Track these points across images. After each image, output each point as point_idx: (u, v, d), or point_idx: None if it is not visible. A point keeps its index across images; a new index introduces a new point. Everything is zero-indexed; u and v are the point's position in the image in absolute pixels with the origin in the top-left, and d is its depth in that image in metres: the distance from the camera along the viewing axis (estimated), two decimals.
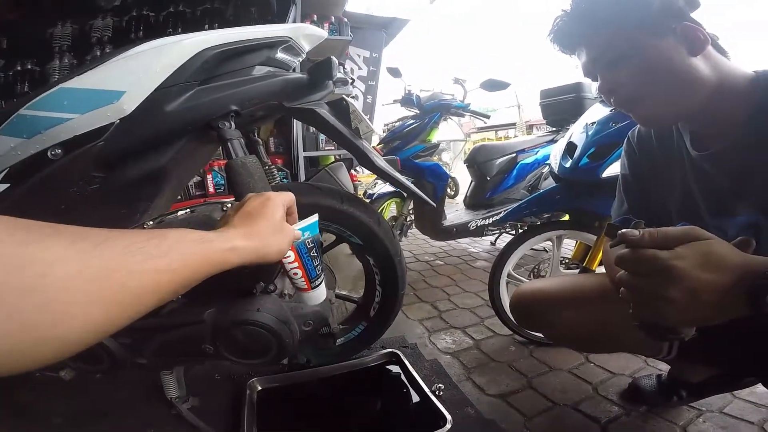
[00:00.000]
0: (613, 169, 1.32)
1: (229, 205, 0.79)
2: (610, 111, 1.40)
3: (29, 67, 2.50)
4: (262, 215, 0.54)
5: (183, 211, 0.80)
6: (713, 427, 1.06)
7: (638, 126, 0.92)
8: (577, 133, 1.48)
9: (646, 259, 0.53)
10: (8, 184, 0.84)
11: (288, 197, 0.61)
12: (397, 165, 2.16)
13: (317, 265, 0.69)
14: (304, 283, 0.68)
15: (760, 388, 1.13)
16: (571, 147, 1.47)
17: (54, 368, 0.97)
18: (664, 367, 1.30)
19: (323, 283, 0.72)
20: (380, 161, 1.12)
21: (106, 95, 0.83)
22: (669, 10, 0.68)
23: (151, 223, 0.79)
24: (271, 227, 0.53)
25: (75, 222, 0.36)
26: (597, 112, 1.48)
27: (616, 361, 1.38)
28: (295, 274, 0.67)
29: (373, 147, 1.25)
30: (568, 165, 1.43)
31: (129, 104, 0.84)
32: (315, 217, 0.67)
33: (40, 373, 0.96)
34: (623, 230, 0.55)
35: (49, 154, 0.83)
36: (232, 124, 0.94)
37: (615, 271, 0.86)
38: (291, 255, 0.64)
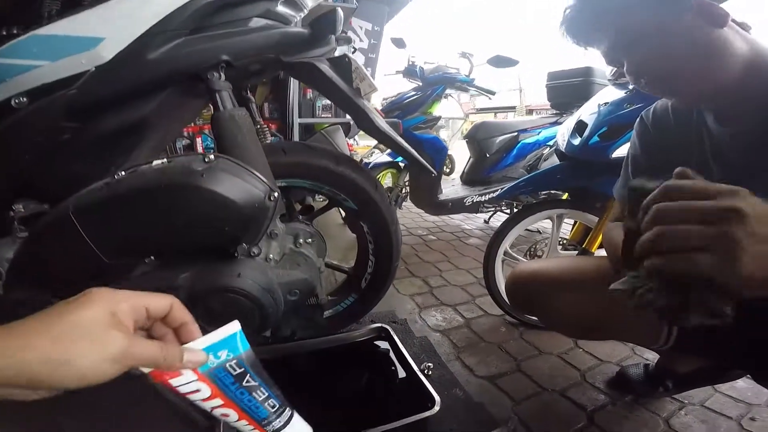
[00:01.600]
0: (624, 150, 1.26)
1: (212, 156, 0.72)
2: (625, 93, 1.36)
3: (15, 32, 2.35)
4: (43, 324, 0.33)
5: (159, 161, 0.73)
6: (694, 420, 1.07)
7: (653, 105, 0.89)
8: (588, 112, 1.43)
9: (706, 206, 0.43)
10: None
11: (158, 301, 0.40)
12: (398, 128, 2.09)
13: (265, 400, 0.44)
14: (251, 427, 0.44)
15: (739, 383, 1.16)
16: (580, 125, 1.42)
17: None
18: (650, 357, 1.31)
19: (294, 419, 0.48)
20: (382, 123, 1.05)
21: (83, 42, 0.78)
22: None
23: (123, 173, 0.71)
24: (47, 349, 0.32)
25: (43, 174, 0.28)
26: (610, 94, 1.43)
27: (603, 347, 1.38)
28: (226, 415, 0.43)
29: (374, 108, 1.17)
30: (576, 143, 1.38)
31: (107, 51, 0.79)
32: (234, 326, 0.43)
33: None
34: (671, 183, 0.47)
35: (12, 102, 0.78)
36: (222, 75, 0.87)
37: (617, 250, 0.80)
38: (203, 387, 0.40)
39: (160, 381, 0.38)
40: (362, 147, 4.97)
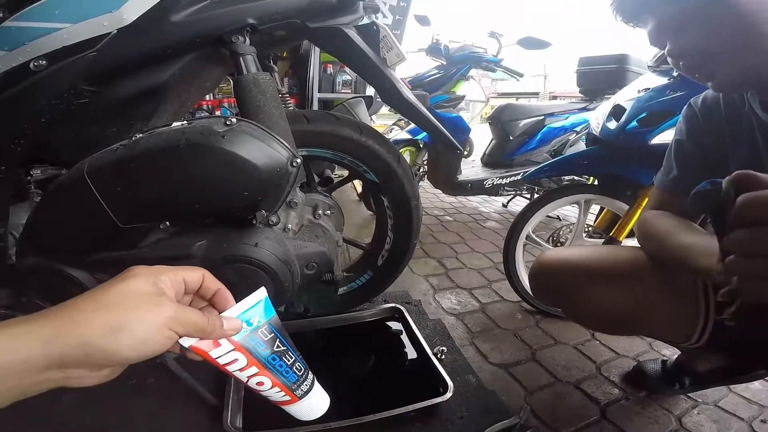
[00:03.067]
0: (664, 137, 1.23)
1: (234, 120, 0.68)
2: (668, 80, 1.30)
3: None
4: (96, 298, 0.34)
5: (179, 123, 0.69)
6: (706, 420, 1.06)
7: (704, 93, 0.85)
8: (626, 97, 1.38)
9: None
10: None
11: (191, 274, 0.40)
12: (426, 101, 2.03)
13: (294, 364, 0.45)
14: (283, 394, 0.45)
15: (755, 384, 1.16)
16: (617, 110, 1.36)
17: (22, 310, 0.89)
18: (667, 353, 1.29)
19: (316, 385, 0.49)
20: (409, 95, 1.01)
21: (104, 3, 0.77)
22: None
23: (140, 135, 0.69)
24: (103, 320, 0.32)
25: (59, 138, 0.26)
26: (651, 80, 1.37)
27: (621, 341, 1.36)
28: (261, 384, 0.43)
29: (402, 79, 1.12)
30: (612, 127, 1.33)
31: (130, 13, 0.77)
32: (261, 293, 0.44)
33: (4, 311, 0.90)
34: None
35: (31, 65, 0.77)
36: (247, 39, 0.85)
37: (657, 240, 0.79)
38: (240, 357, 0.41)
39: (201, 354, 0.39)
40: (379, 125, 4.91)
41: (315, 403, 0.48)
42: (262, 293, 0.44)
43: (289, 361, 0.45)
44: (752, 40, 0.61)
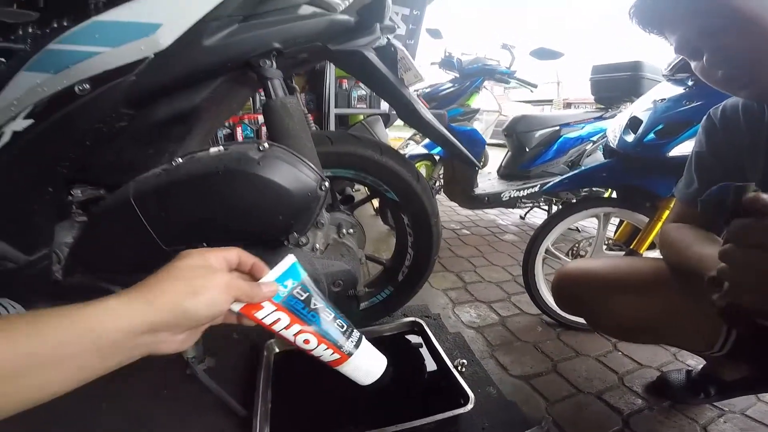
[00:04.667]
0: (682, 149, 1.23)
1: (266, 145, 0.72)
2: (684, 89, 1.31)
3: (66, 23, 2.44)
4: (170, 273, 0.41)
5: (216, 148, 0.73)
6: (733, 429, 1.04)
7: (722, 103, 0.85)
8: (641, 108, 1.38)
9: None
10: (32, 120, 0.80)
11: (229, 253, 0.47)
12: (444, 120, 2.06)
13: (333, 320, 0.50)
14: (330, 351, 0.50)
15: None
16: (634, 122, 1.36)
17: None
18: (692, 363, 1.28)
19: (364, 342, 0.53)
20: (428, 114, 1.04)
21: (141, 28, 0.79)
22: None
23: (180, 159, 0.72)
24: (182, 287, 0.40)
25: (100, 160, 0.29)
26: (667, 90, 1.37)
27: (644, 351, 1.35)
28: (307, 342, 0.48)
29: (420, 98, 1.15)
30: (630, 140, 1.33)
31: (165, 38, 0.79)
32: (291, 258, 0.49)
33: None
34: (753, 195, 0.47)
35: (76, 89, 0.79)
36: (274, 63, 0.88)
37: (678, 253, 0.80)
38: (282, 316, 0.47)
39: (249, 316, 0.45)
40: (395, 138, 4.95)
41: (368, 363, 0.53)
42: (291, 259, 0.49)
43: (328, 317, 0.49)
44: None
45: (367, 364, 0.53)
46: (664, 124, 1.27)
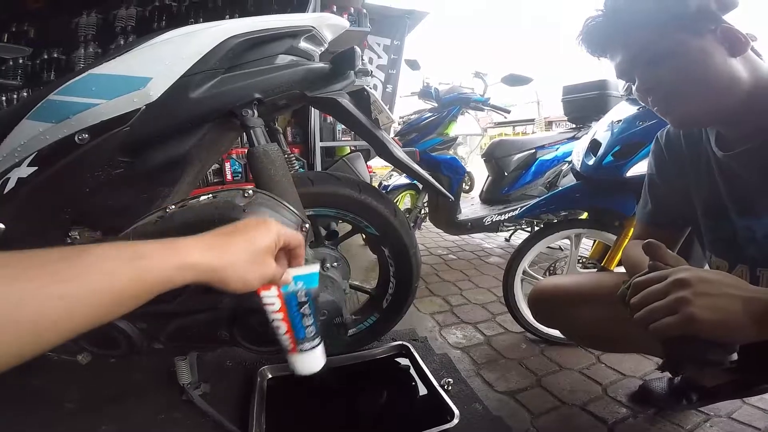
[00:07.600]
0: (638, 169, 1.29)
1: (251, 191, 0.79)
2: (637, 109, 1.37)
3: (55, 55, 2.59)
4: (243, 234, 0.47)
5: (205, 196, 0.80)
6: None
7: (667, 127, 0.91)
8: (601, 130, 1.44)
9: (661, 288, 0.59)
10: (36, 167, 0.86)
11: (293, 235, 0.53)
12: (416, 156, 2.15)
13: (308, 326, 0.59)
14: (289, 341, 0.59)
15: None
16: (594, 145, 1.43)
17: (71, 352, 0.98)
18: None
19: (317, 350, 0.61)
20: (399, 152, 1.11)
21: (133, 81, 0.85)
22: (706, 11, 0.67)
23: (174, 207, 0.79)
24: (247, 251, 0.46)
25: (98, 205, 0.36)
26: (623, 111, 1.43)
27: (627, 362, 1.37)
28: (278, 328, 0.58)
29: (392, 137, 1.24)
30: (591, 163, 1.39)
31: (155, 90, 0.86)
32: (315, 267, 0.58)
33: (57, 356, 0.98)
34: (636, 280, 0.65)
35: (76, 138, 0.85)
36: (255, 112, 0.95)
37: (636, 268, 0.85)
38: (276, 302, 0.56)
39: (259, 288, 0.52)
40: (381, 167, 5.03)
41: (306, 360, 0.61)
42: (315, 267, 0.59)
43: (307, 322, 0.59)
44: (716, 80, 0.67)
45: (304, 361, 0.61)
46: (621, 146, 1.32)
